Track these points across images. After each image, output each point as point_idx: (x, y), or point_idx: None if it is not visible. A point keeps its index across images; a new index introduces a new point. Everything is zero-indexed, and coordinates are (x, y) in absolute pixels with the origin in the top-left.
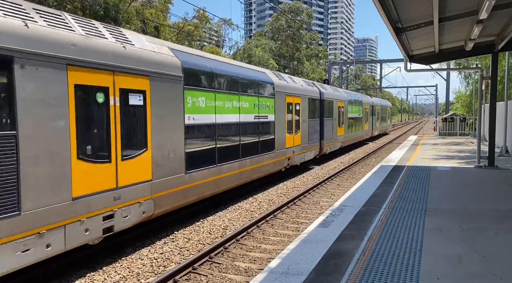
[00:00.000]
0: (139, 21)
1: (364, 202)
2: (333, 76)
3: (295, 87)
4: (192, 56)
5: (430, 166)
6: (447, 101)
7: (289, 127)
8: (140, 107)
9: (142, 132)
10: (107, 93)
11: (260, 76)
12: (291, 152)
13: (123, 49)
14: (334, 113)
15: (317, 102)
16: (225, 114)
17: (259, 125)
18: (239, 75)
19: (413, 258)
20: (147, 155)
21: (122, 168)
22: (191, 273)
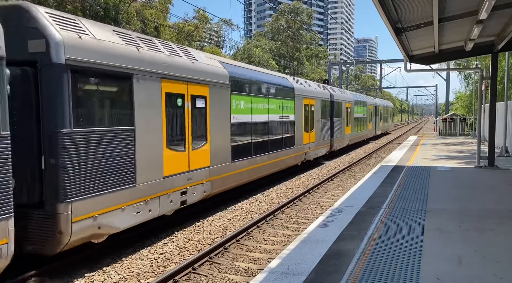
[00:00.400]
0: (139, 21)
1: (364, 202)
2: (333, 76)
3: (310, 90)
4: (235, 67)
5: (430, 166)
6: (447, 101)
7: (305, 126)
8: (203, 109)
9: (204, 128)
10: (183, 99)
11: (282, 82)
12: (307, 148)
13: (192, 64)
14: (342, 113)
15: (328, 104)
16: (258, 114)
17: (283, 123)
18: (267, 81)
19: (413, 258)
20: (207, 146)
21: (192, 156)
22: (191, 273)
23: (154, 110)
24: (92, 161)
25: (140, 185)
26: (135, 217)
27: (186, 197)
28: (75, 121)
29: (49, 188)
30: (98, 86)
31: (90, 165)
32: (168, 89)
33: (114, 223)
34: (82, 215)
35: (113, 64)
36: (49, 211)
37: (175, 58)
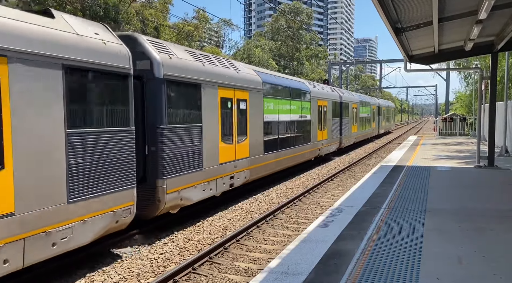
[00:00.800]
0: (138, 21)
1: (364, 202)
2: (333, 76)
3: (323, 92)
4: (265, 74)
5: (430, 166)
6: (447, 101)
7: (319, 124)
8: (244, 110)
9: (245, 126)
10: (232, 102)
11: (301, 86)
12: (321, 144)
13: (237, 74)
14: (350, 113)
15: (337, 104)
16: (283, 114)
17: (302, 122)
18: (290, 86)
19: (412, 258)
20: (247, 141)
21: (237, 148)
22: (191, 274)
23: (213, 111)
24: (178, 149)
25: (206, 169)
26: (202, 193)
27: (234, 181)
28: (169, 119)
29: (150, 169)
30: (181, 94)
31: (177, 152)
32: (223, 95)
33: (189, 197)
34: (172, 188)
35: (190, 76)
36: (151, 185)
37: (226, 70)
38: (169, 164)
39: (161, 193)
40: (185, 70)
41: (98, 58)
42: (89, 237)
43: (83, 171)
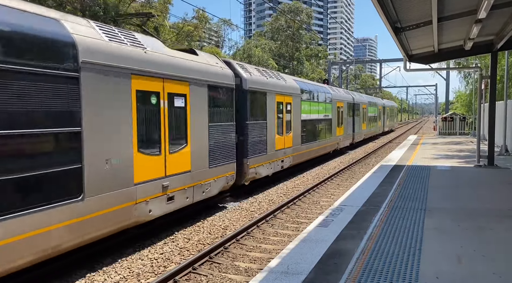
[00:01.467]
0: (138, 21)
1: (363, 201)
2: (333, 76)
3: (341, 95)
4: (301, 82)
5: (429, 165)
6: (447, 100)
7: (337, 122)
8: (289, 110)
9: (290, 122)
10: (282, 105)
11: (325, 90)
12: (339, 139)
13: (285, 84)
14: (360, 113)
15: (351, 105)
16: (313, 114)
17: (325, 120)
18: (317, 90)
19: (412, 257)
20: (291, 134)
21: (286, 139)
22: (191, 273)
23: (272, 111)
24: (255, 138)
25: (268, 153)
26: (266, 171)
27: (283, 164)
28: (250, 117)
29: (239, 151)
30: (256, 99)
31: (254, 140)
32: (279, 100)
33: (260, 172)
34: (251, 165)
35: (260, 88)
36: (240, 162)
37: (279, 81)
38: (250, 148)
39: (246, 168)
40: (258, 83)
41: (220, 78)
42: (216, 191)
43: (214, 149)
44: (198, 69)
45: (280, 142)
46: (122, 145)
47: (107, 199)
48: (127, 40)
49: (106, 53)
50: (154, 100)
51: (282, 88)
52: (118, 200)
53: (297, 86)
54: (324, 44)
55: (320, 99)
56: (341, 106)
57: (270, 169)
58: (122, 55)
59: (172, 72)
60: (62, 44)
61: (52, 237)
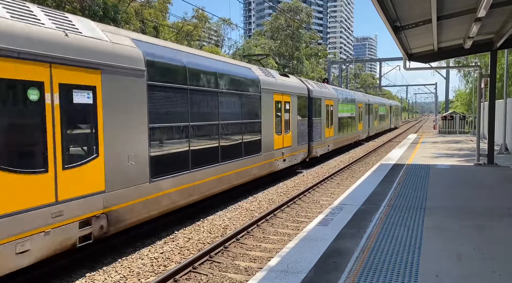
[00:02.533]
0: (138, 21)
1: (363, 200)
2: (333, 75)
3: (361, 98)
4: (338, 90)
5: (429, 164)
6: (447, 99)
7: (358, 119)
8: (332, 110)
9: (331, 119)
10: (328, 106)
11: (351, 94)
12: (360, 132)
13: (329, 91)
14: (374, 112)
15: (367, 106)
16: (345, 113)
17: (351, 118)
18: (347, 95)
19: (412, 255)
20: (332, 127)
21: (329, 131)
22: (191, 273)
23: (324, 111)
24: (316, 129)
25: (322, 139)
26: (321, 151)
27: (329, 147)
28: (313, 115)
29: (308, 138)
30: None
31: (316, 131)
32: (328, 103)
33: (318, 152)
34: (314, 147)
35: (318, 96)
36: (309, 144)
37: (328, 90)
38: (313, 136)
39: (312, 148)
40: (317, 92)
41: (299, 90)
42: (300, 160)
43: (299, 135)
44: (292, 86)
45: (327, 133)
46: (269, 129)
47: (269, 156)
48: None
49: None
50: (287, 105)
51: (329, 95)
52: (269, 157)
53: (335, 93)
54: (324, 43)
55: (349, 102)
56: (360, 107)
57: (324, 150)
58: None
59: (283, 89)
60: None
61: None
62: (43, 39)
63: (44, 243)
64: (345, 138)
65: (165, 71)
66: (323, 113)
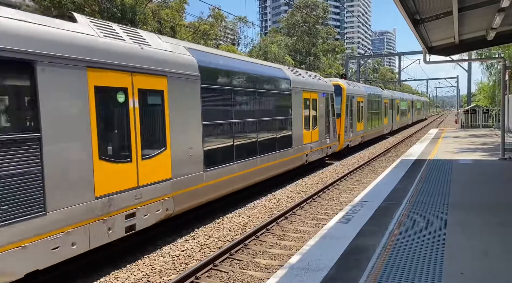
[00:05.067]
0: (155, 21)
1: (384, 197)
2: (351, 70)
3: (386, 94)
4: (367, 87)
5: (452, 159)
6: (469, 92)
7: (384, 114)
8: (362, 107)
9: (361, 114)
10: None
11: (378, 91)
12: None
13: (359, 89)
14: (396, 107)
15: (391, 101)
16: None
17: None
18: (374, 91)
19: (435, 253)
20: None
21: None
22: (212, 270)
23: (355, 107)
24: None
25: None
26: (353, 143)
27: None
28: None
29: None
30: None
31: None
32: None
33: (351, 144)
34: (346, 139)
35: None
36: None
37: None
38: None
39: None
40: (351, 90)
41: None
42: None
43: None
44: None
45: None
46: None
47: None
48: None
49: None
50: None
51: (360, 92)
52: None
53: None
54: (341, 39)
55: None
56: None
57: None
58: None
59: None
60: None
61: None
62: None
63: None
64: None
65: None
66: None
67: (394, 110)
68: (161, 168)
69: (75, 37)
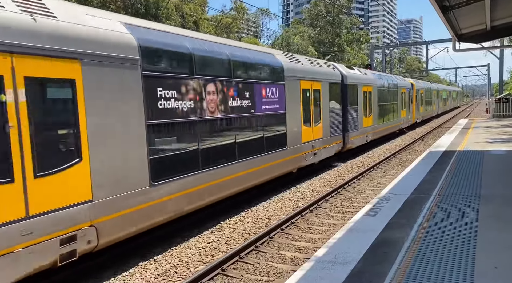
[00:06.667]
0: (178, 16)
1: (412, 189)
2: (376, 60)
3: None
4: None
5: (483, 150)
6: (501, 81)
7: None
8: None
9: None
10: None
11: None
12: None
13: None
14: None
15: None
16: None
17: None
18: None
19: (467, 246)
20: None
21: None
22: (238, 262)
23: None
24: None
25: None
26: (360, 141)
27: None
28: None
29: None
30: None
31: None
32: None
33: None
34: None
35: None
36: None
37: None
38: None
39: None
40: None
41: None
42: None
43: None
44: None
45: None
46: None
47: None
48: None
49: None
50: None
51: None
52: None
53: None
54: (365, 28)
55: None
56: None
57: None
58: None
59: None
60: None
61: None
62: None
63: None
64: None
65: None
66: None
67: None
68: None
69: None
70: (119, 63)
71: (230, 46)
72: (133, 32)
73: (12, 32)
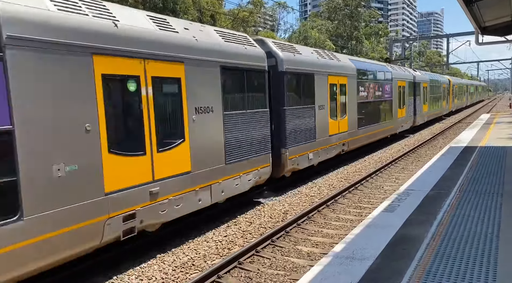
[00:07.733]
0: (195, 10)
1: (432, 185)
2: (395, 54)
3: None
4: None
5: (506, 146)
6: None
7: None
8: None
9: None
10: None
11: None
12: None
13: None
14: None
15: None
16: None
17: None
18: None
19: (489, 244)
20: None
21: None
22: (254, 256)
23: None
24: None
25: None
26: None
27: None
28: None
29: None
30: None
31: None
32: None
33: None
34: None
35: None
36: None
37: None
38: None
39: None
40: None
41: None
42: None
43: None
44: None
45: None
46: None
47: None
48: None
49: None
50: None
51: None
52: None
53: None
54: (384, 21)
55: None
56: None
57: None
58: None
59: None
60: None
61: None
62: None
63: None
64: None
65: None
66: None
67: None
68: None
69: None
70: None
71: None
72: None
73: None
